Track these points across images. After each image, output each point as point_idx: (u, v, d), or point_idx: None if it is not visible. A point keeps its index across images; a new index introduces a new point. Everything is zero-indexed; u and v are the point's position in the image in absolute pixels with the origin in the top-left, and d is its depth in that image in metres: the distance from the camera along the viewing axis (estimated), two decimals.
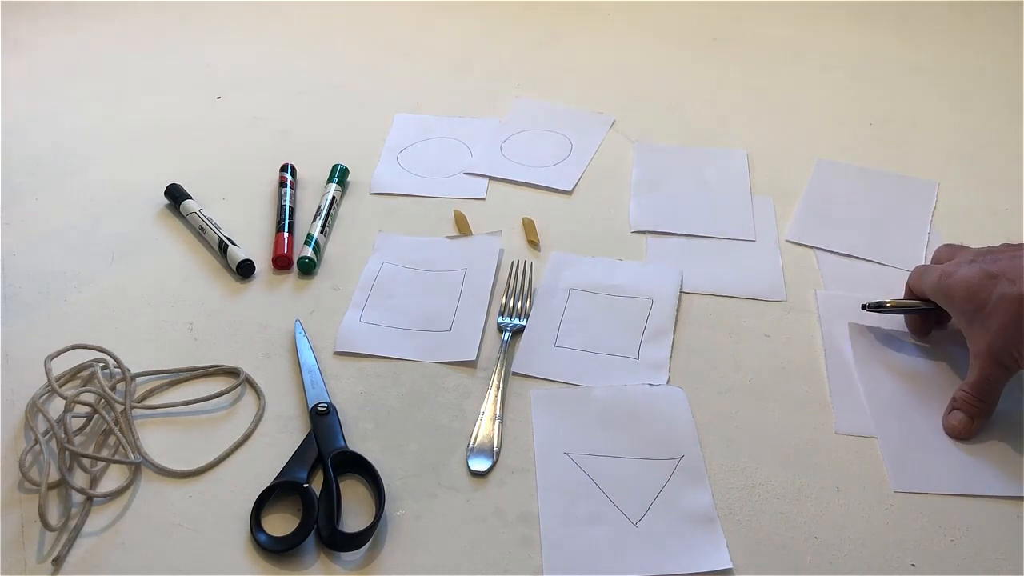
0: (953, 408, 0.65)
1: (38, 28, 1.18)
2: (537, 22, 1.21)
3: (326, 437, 0.63)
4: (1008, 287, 0.60)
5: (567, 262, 0.80)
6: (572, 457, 0.63)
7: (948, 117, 1.02)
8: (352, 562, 0.57)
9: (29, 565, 0.56)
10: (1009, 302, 0.60)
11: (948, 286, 0.64)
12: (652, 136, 0.98)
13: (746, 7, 1.24)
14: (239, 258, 0.78)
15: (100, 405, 0.65)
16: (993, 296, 0.61)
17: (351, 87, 1.07)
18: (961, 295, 0.63)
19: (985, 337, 0.62)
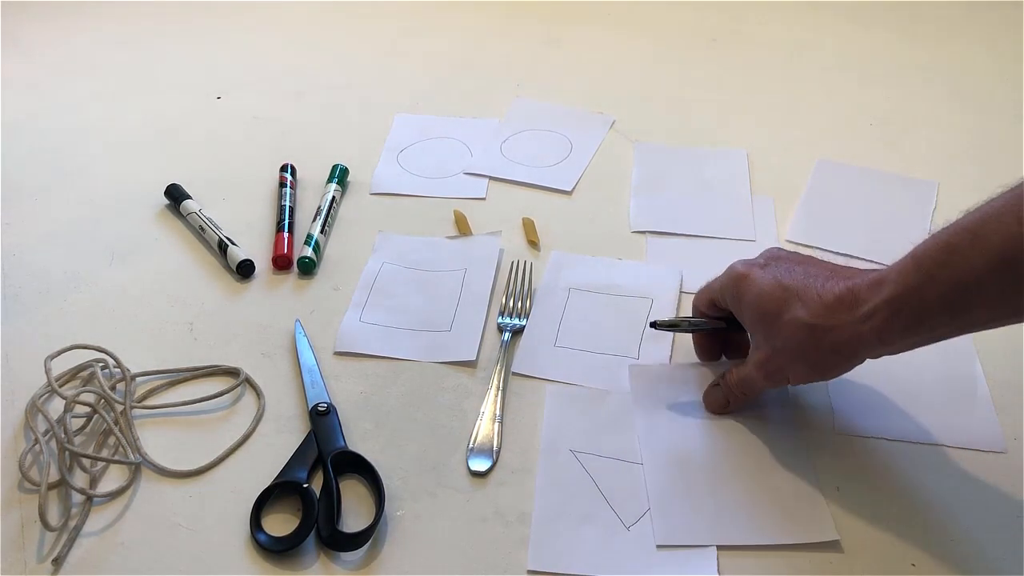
0: (716, 384, 0.65)
1: (38, 28, 1.18)
2: (537, 22, 1.21)
3: (326, 437, 0.63)
4: (800, 310, 0.57)
5: (567, 262, 0.80)
6: (577, 455, 0.63)
7: (948, 117, 1.02)
8: (352, 562, 0.57)
9: (29, 565, 0.56)
10: (797, 328, 0.57)
11: (739, 287, 0.61)
12: (652, 136, 0.98)
13: (746, 7, 1.24)
14: (239, 258, 0.78)
15: (100, 405, 0.65)
16: (784, 315, 0.57)
17: (351, 87, 1.07)
18: (752, 300, 0.60)
19: (765, 350, 0.60)
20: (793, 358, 0.58)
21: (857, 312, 0.54)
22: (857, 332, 0.54)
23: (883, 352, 0.56)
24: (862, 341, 0.55)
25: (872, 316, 0.54)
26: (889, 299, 0.53)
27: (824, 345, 0.56)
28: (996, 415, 0.67)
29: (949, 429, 0.65)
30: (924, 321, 0.53)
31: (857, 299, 0.55)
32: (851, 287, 0.56)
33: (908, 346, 0.55)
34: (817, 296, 0.56)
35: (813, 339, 0.56)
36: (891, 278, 0.53)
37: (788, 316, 0.57)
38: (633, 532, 0.58)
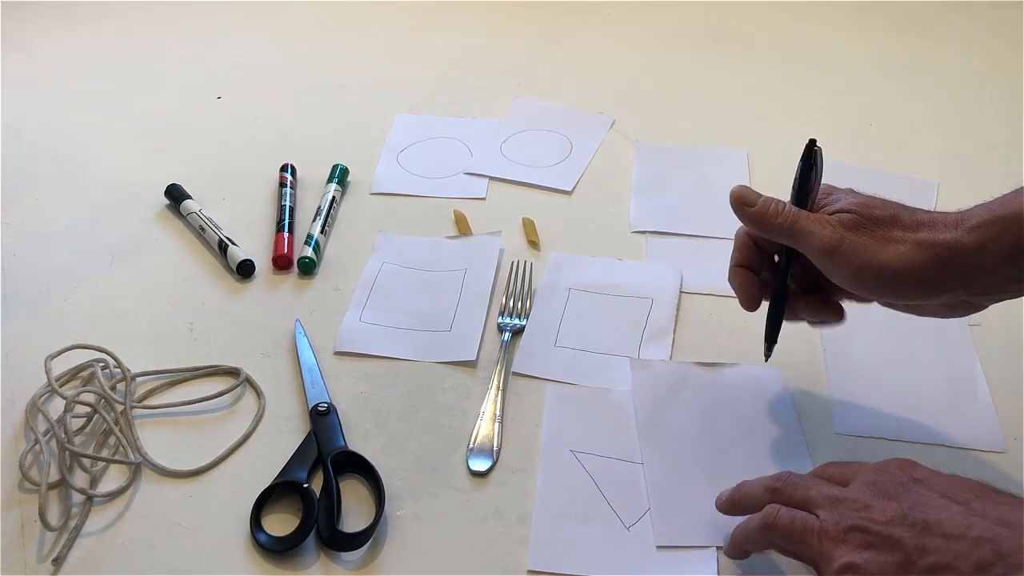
0: None
1: (38, 28, 1.18)
2: (537, 22, 1.21)
3: (326, 437, 0.63)
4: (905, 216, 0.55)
5: (567, 262, 0.80)
6: (577, 455, 0.63)
7: (948, 117, 1.02)
8: (352, 562, 0.57)
9: (29, 565, 0.56)
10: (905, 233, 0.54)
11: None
12: (652, 136, 0.98)
13: (746, 7, 1.24)
14: (239, 258, 0.78)
15: (100, 405, 0.65)
16: None
17: (351, 87, 1.07)
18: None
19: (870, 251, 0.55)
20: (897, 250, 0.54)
21: (964, 223, 0.53)
22: (961, 242, 0.52)
23: (981, 275, 0.53)
24: (965, 252, 0.52)
25: (980, 228, 0.52)
26: (1002, 216, 0.51)
27: (931, 252, 0.53)
28: (996, 415, 0.67)
29: (949, 429, 0.65)
30: None
31: (964, 215, 0.53)
32: (959, 210, 0.54)
33: (1002, 280, 0.53)
34: (924, 211, 0.55)
35: (923, 242, 0.53)
36: (1004, 200, 0.52)
37: (898, 218, 0.55)
38: (633, 532, 0.58)
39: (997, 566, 0.42)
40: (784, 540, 0.50)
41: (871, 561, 0.46)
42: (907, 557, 0.45)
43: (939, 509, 0.46)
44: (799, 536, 0.49)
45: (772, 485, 0.53)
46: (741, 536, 0.53)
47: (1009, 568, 0.42)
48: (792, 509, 0.51)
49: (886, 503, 0.47)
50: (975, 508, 0.46)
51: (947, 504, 0.46)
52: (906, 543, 0.45)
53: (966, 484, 0.48)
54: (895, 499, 0.47)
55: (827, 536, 0.48)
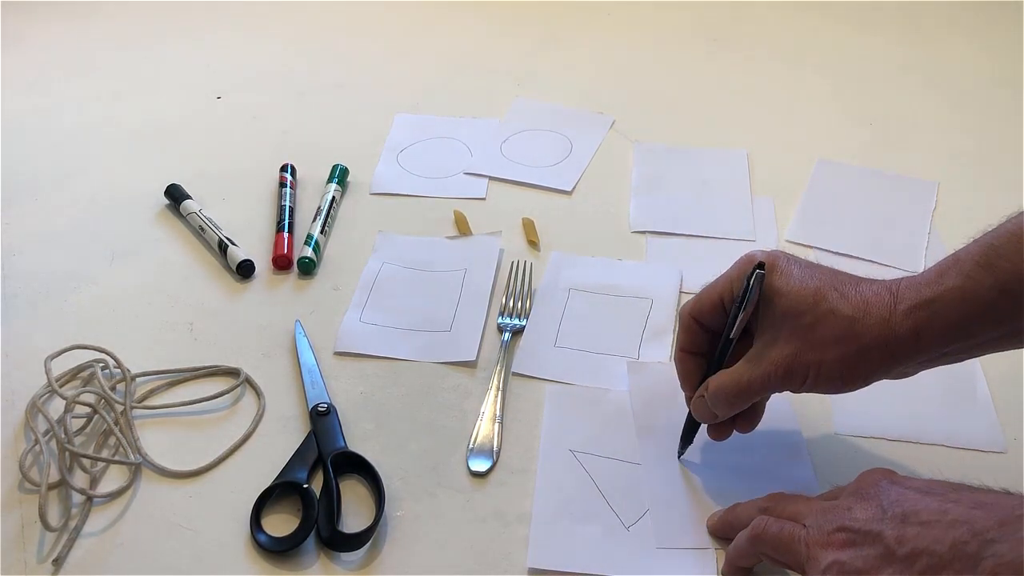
0: (702, 396, 0.58)
1: (38, 27, 1.18)
2: (537, 22, 1.21)
3: (326, 437, 0.63)
4: (839, 302, 0.53)
5: (567, 262, 0.80)
6: (576, 455, 0.63)
7: (948, 117, 1.02)
8: (352, 562, 0.57)
9: (29, 565, 0.56)
10: (837, 320, 0.53)
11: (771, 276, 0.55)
12: (652, 136, 0.98)
13: (746, 7, 1.24)
14: (239, 258, 0.78)
15: (100, 405, 0.65)
16: (821, 306, 0.53)
17: (351, 87, 1.07)
18: (786, 290, 0.54)
19: (792, 345, 0.54)
20: (824, 355, 0.53)
21: (897, 309, 0.52)
22: (895, 332, 0.51)
23: (917, 359, 0.53)
24: (898, 340, 0.52)
25: (912, 313, 0.51)
26: (931, 298, 0.51)
27: (863, 342, 0.52)
28: (996, 415, 0.67)
29: (949, 429, 0.65)
30: (964, 325, 0.51)
31: (897, 296, 0.52)
32: (889, 286, 0.53)
33: (943, 355, 0.53)
34: (856, 292, 0.53)
35: (852, 333, 0.52)
36: (931, 279, 0.52)
37: (825, 307, 0.53)
38: (633, 532, 0.58)
39: (972, 543, 0.43)
40: (772, 550, 0.51)
41: (855, 557, 0.47)
42: (887, 548, 0.46)
43: (916, 501, 0.47)
44: (786, 545, 0.50)
45: (764, 505, 0.55)
46: (733, 552, 0.54)
47: (983, 544, 0.43)
48: (780, 520, 0.52)
49: (867, 503, 0.49)
50: (951, 497, 0.47)
51: (923, 497, 0.47)
52: (886, 535, 0.46)
53: (942, 482, 0.50)
54: (875, 499, 0.49)
55: (812, 541, 0.49)
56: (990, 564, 0.42)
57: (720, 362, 0.58)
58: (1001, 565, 0.42)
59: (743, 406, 0.58)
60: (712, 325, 0.59)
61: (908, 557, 0.45)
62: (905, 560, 0.45)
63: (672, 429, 0.64)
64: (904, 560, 0.45)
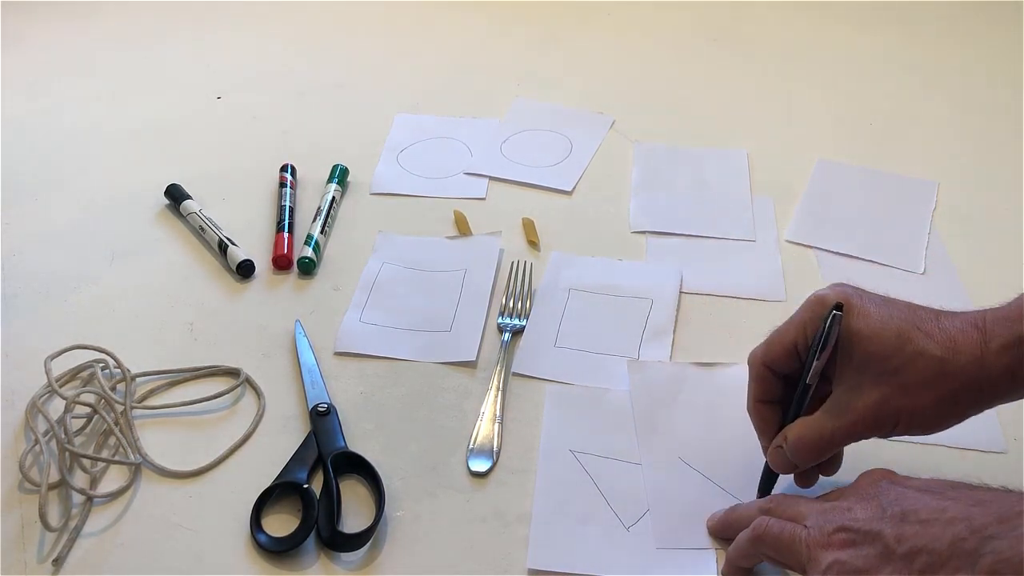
0: (780, 446, 0.56)
1: (38, 27, 1.18)
2: (537, 22, 1.21)
3: (326, 437, 0.63)
4: (926, 343, 0.50)
5: (567, 262, 0.80)
6: (576, 455, 0.63)
7: (948, 117, 1.02)
8: (352, 562, 0.57)
9: (29, 565, 0.56)
10: (928, 362, 0.50)
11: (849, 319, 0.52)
12: (652, 136, 0.98)
13: (746, 7, 1.24)
14: (239, 258, 0.78)
15: (100, 405, 0.65)
16: (907, 348, 0.50)
17: (351, 87, 1.07)
18: (868, 332, 0.52)
19: (880, 391, 0.51)
20: (916, 399, 0.50)
21: (989, 347, 0.49)
22: (989, 372, 0.49)
23: (1013, 396, 0.51)
24: (991, 380, 0.49)
25: (1006, 352, 0.49)
26: (1016, 339, 0.49)
27: (955, 384, 0.50)
28: (996, 415, 0.66)
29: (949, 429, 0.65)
30: None
31: (986, 334, 0.50)
32: (975, 322, 0.50)
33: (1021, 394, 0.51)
34: (940, 329, 0.50)
35: (944, 375, 0.50)
36: (1019, 314, 0.49)
37: (912, 349, 0.50)
38: (633, 532, 0.58)
39: (970, 540, 0.43)
40: (773, 550, 0.51)
41: (855, 556, 0.47)
42: (887, 547, 0.46)
43: (915, 500, 0.47)
44: (787, 545, 0.50)
45: (766, 506, 0.54)
46: (733, 552, 0.54)
47: (982, 540, 0.43)
48: (781, 520, 0.51)
49: (867, 503, 0.49)
50: (949, 495, 0.47)
51: (922, 495, 0.48)
52: (886, 534, 0.46)
53: (941, 481, 0.50)
54: (875, 498, 0.49)
55: (813, 542, 0.49)
56: (989, 560, 0.42)
57: (798, 410, 0.55)
58: (1000, 562, 0.42)
59: (826, 456, 0.55)
60: (785, 371, 0.56)
61: (907, 555, 0.45)
62: (904, 558, 0.45)
63: (672, 429, 0.64)
64: (903, 558, 0.45)
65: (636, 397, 0.67)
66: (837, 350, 0.53)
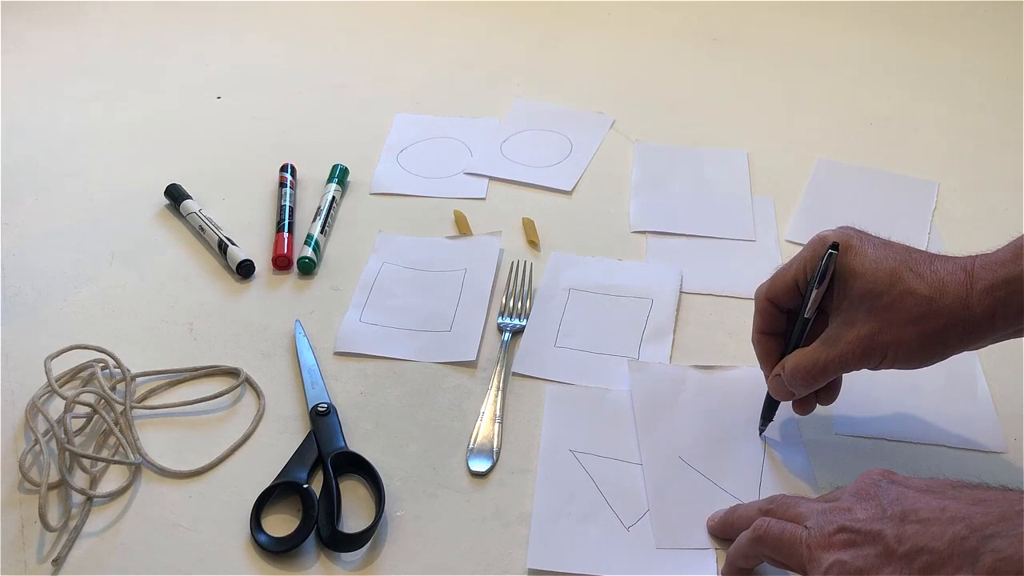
0: (778, 375, 0.60)
1: (38, 28, 1.18)
2: (537, 22, 1.21)
3: (326, 437, 0.63)
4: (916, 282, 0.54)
5: (567, 262, 0.80)
6: (576, 455, 0.63)
7: (948, 117, 1.02)
8: (352, 562, 0.57)
9: (29, 565, 0.56)
10: (916, 301, 0.54)
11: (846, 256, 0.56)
12: (652, 136, 0.98)
13: (746, 7, 1.24)
14: (239, 258, 0.78)
15: (100, 405, 0.65)
16: (898, 286, 0.54)
17: (351, 87, 1.07)
18: (863, 270, 0.55)
19: (870, 325, 0.55)
20: (902, 334, 0.54)
21: (974, 288, 0.52)
22: (972, 311, 0.53)
23: (992, 336, 0.54)
24: (975, 320, 0.53)
25: (989, 293, 0.52)
26: (1007, 278, 0.52)
27: (940, 322, 0.53)
28: (996, 415, 0.67)
29: (949, 429, 0.65)
30: None
31: (972, 276, 0.53)
32: (964, 265, 0.54)
33: (1018, 332, 0.54)
34: (931, 271, 0.54)
35: (930, 313, 0.53)
36: (1007, 259, 0.53)
37: (903, 287, 0.54)
38: (633, 532, 0.58)
39: (970, 539, 0.43)
40: (773, 551, 0.51)
41: (855, 556, 0.47)
42: (887, 547, 0.46)
43: (915, 499, 0.48)
44: (788, 546, 0.50)
45: (766, 507, 0.54)
46: (734, 552, 0.54)
47: (982, 540, 0.43)
48: (781, 521, 0.52)
49: (867, 503, 0.49)
50: (949, 494, 0.47)
51: (922, 495, 0.48)
52: (886, 534, 0.46)
53: (941, 480, 0.50)
54: (875, 499, 0.49)
55: (814, 542, 0.49)
56: (989, 560, 0.42)
57: (797, 342, 0.59)
58: (1001, 561, 0.42)
59: (820, 384, 0.59)
60: (787, 306, 0.60)
61: (908, 555, 0.45)
62: (905, 558, 0.45)
63: (672, 429, 0.64)
64: (904, 558, 0.45)
65: (636, 397, 0.67)
66: (834, 286, 0.57)
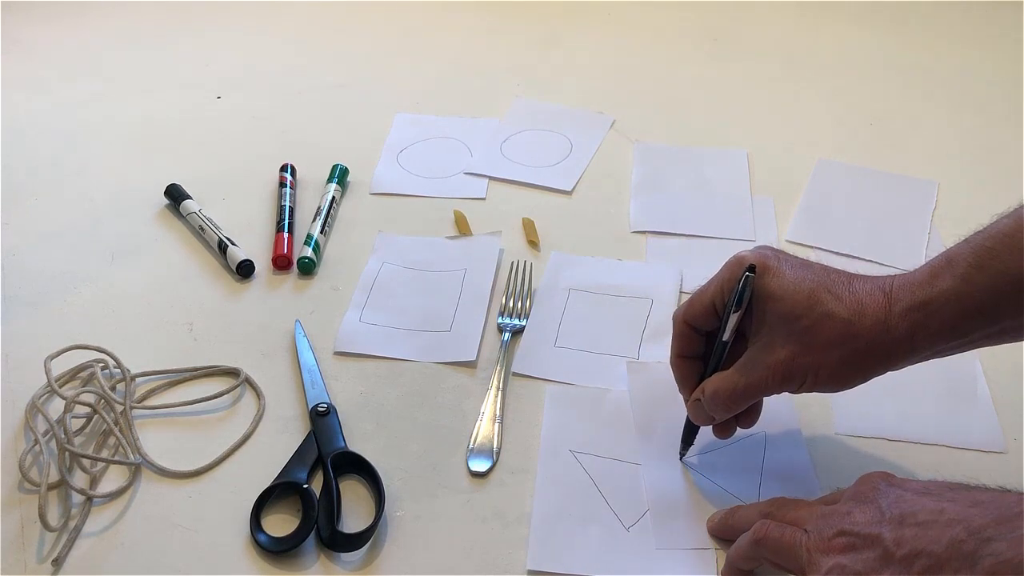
0: (698, 400, 0.58)
1: (38, 28, 1.18)
2: (537, 22, 1.21)
3: (326, 437, 0.63)
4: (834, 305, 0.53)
5: (567, 262, 0.80)
6: (576, 455, 0.63)
7: (948, 117, 1.02)
8: (352, 562, 0.57)
9: (29, 565, 0.56)
10: (834, 324, 0.53)
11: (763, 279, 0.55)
12: (652, 136, 0.98)
13: (746, 7, 1.24)
14: (239, 258, 0.78)
15: (100, 405, 0.65)
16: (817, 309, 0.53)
17: (351, 87, 1.07)
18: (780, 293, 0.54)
19: (789, 349, 0.54)
20: (822, 358, 0.53)
21: (893, 311, 0.52)
22: (891, 334, 0.52)
23: (912, 358, 0.54)
24: (895, 342, 0.52)
25: (907, 315, 0.52)
26: (925, 300, 0.52)
27: (859, 344, 0.52)
28: (996, 415, 0.67)
29: (949, 429, 0.65)
30: (958, 326, 0.51)
31: (891, 297, 0.52)
32: (883, 286, 0.53)
33: (938, 352, 0.54)
34: (849, 292, 0.53)
35: (849, 335, 0.52)
36: (924, 280, 0.52)
37: (821, 311, 0.53)
38: (633, 532, 0.58)
39: (968, 542, 0.43)
40: (773, 553, 0.51)
41: (855, 560, 0.47)
42: (886, 550, 0.46)
43: (913, 502, 0.47)
44: (788, 549, 0.50)
45: (766, 510, 0.55)
46: (734, 553, 0.54)
47: (980, 542, 0.43)
48: (782, 524, 0.52)
49: (866, 506, 0.49)
50: (947, 496, 0.47)
51: (921, 498, 0.48)
52: (885, 538, 0.46)
53: (940, 482, 0.50)
54: (873, 502, 0.49)
55: (813, 546, 0.49)
56: (989, 563, 0.42)
57: (716, 365, 0.58)
58: (1000, 563, 0.42)
59: (740, 409, 0.58)
60: (705, 328, 0.59)
61: (906, 558, 0.45)
62: (903, 561, 0.45)
63: (672, 429, 0.64)
64: (902, 561, 0.45)
65: (636, 397, 0.67)
66: (752, 308, 0.55)
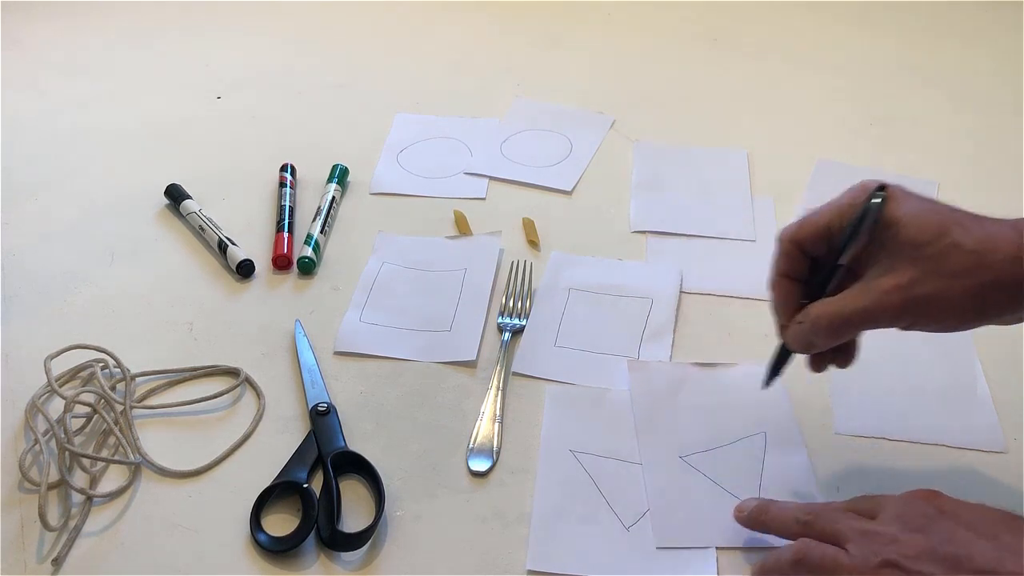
0: (801, 322, 0.54)
1: (38, 28, 1.18)
2: (537, 22, 1.21)
3: (326, 437, 0.63)
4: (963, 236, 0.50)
5: (567, 262, 0.80)
6: (576, 455, 0.63)
7: (948, 117, 1.02)
8: (352, 562, 0.57)
9: (29, 565, 0.56)
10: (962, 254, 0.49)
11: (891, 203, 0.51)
12: (652, 136, 0.98)
13: (746, 7, 1.24)
14: (239, 258, 0.78)
15: (100, 405, 0.65)
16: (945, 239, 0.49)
17: (351, 87, 1.07)
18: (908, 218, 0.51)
19: (911, 273, 0.50)
20: (945, 287, 0.49)
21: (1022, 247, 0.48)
22: (1020, 271, 0.48)
23: None
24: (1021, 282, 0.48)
25: None
26: None
27: (987, 277, 0.48)
28: (996, 415, 0.67)
29: (949, 429, 0.65)
30: None
31: (1022, 234, 0.49)
32: (1015, 224, 0.49)
33: None
34: (979, 227, 0.50)
35: (978, 267, 0.48)
36: None
37: (949, 240, 0.49)
38: (633, 532, 0.58)
39: None
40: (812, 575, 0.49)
41: None
42: None
43: (968, 544, 0.45)
44: (829, 573, 0.48)
45: (803, 518, 0.52)
46: (772, 566, 0.52)
47: None
48: (823, 544, 0.50)
49: (914, 536, 0.47)
50: (1004, 542, 0.45)
51: (975, 538, 0.45)
52: None
53: (993, 515, 0.47)
54: (923, 532, 0.47)
55: (857, 572, 0.47)
56: None
57: (822, 290, 0.54)
58: None
59: (846, 337, 0.53)
60: (813, 252, 0.55)
61: None
62: None
63: (672, 429, 0.64)
64: None
65: (636, 397, 0.67)
66: (875, 234, 0.52)
